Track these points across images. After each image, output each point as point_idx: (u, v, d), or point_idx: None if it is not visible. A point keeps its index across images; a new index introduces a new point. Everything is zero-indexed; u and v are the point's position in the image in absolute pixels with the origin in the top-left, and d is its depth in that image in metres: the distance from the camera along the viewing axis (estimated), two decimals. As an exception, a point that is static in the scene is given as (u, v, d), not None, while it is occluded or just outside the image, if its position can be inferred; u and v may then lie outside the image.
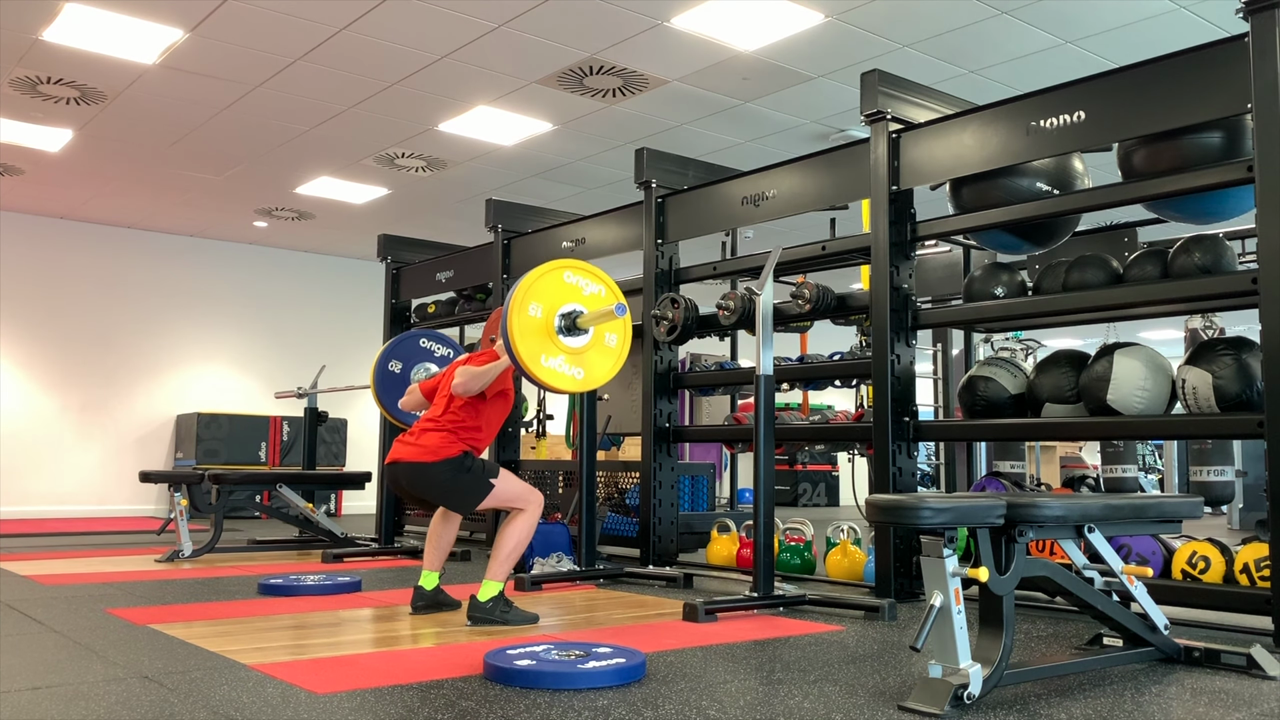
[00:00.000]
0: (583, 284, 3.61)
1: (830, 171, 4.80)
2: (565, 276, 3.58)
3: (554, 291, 3.54)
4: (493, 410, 3.87)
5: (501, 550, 3.67)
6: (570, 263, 3.64)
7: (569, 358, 3.54)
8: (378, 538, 6.66)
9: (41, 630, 3.39)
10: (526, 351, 3.43)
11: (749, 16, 5.69)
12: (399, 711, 2.33)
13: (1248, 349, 3.62)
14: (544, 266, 3.57)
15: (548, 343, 3.50)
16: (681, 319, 5.27)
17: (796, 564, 4.94)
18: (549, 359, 3.50)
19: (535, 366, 3.45)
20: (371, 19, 5.73)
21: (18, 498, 10.06)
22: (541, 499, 3.81)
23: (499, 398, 3.86)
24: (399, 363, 5.27)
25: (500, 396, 3.86)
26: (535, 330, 3.46)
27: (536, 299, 3.48)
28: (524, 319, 3.44)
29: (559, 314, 3.53)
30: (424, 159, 8.35)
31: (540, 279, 3.52)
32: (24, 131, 7.75)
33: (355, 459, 11.57)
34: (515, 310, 3.43)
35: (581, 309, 3.59)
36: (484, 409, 3.84)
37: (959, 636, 2.39)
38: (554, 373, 3.52)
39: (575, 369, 3.57)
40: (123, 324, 10.85)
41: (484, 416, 3.84)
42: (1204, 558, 3.66)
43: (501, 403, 3.89)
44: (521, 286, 3.46)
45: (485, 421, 3.85)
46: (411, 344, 5.35)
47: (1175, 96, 3.59)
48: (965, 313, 4.45)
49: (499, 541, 3.69)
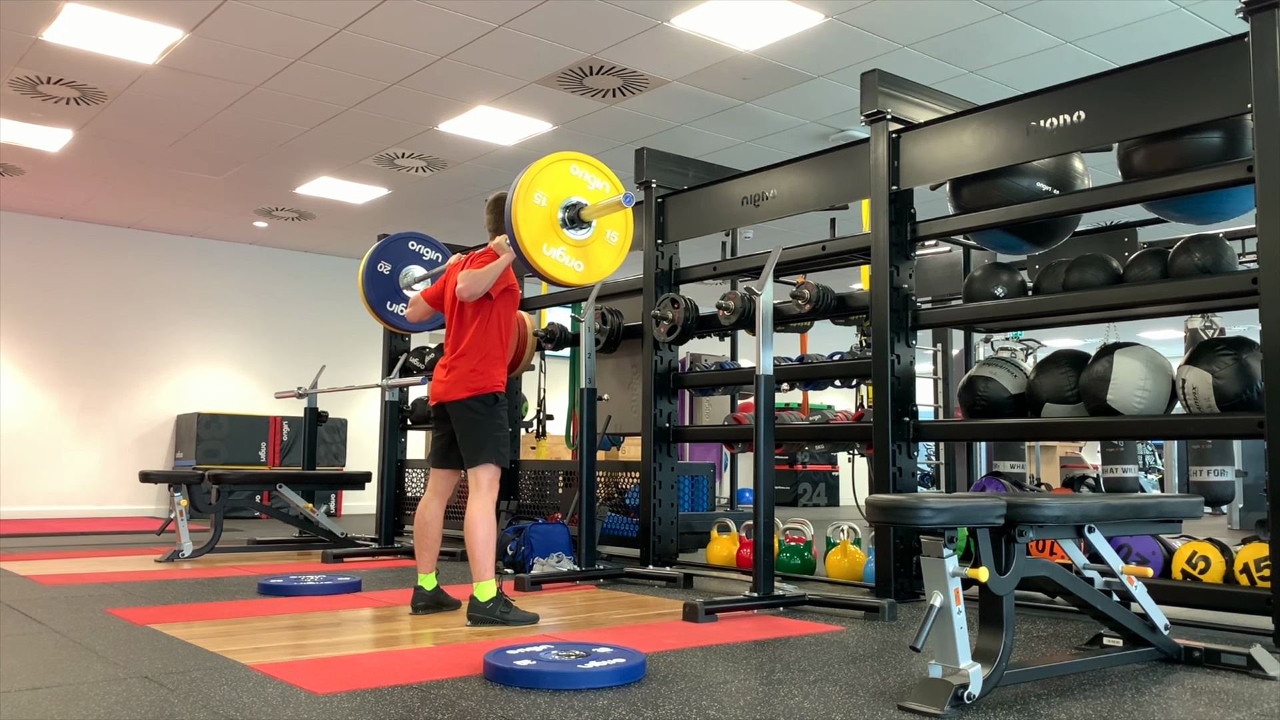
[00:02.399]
0: (588, 178, 3.61)
1: (830, 171, 4.80)
2: (572, 169, 3.57)
3: (560, 182, 3.53)
4: (502, 309, 3.85)
5: (476, 549, 3.66)
6: (577, 155, 3.63)
7: (571, 249, 3.54)
8: (378, 538, 6.65)
9: (41, 630, 3.38)
10: (529, 238, 3.42)
11: (749, 16, 5.69)
12: (399, 711, 2.33)
13: (1248, 349, 3.62)
14: (551, 156, 3.56)
15: (550, 232, 3.49)
16: (681, 319, 5.27)
17: (796, 564, 4.94)
18: (551, 248, 3.50)
19: (537, 254, 3.44)
20: (371, 19, 5.73)
21: (18, 498, 10.06)
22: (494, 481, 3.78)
23: (506, 295, 3.84)
24: (387, 264, 5.33)
25: (507, 293, 3.85)
26: (539, 218, 3.45)
27: (542, 188, 3.47)
28: (528, 206, 3.43)
29: (563, 205, 3.53)
30: (424, 159, 8.35)
31: (547, 168, 3.50)
32: (24, 131, 7.75)
33: (355, 459, 11.57)
34: (520, 197, 3.42)
35: (585, 202, 3.58)
36: (494, 310, 3.82)
37: (959, 636, 2.39)
38: (555, 263, 3.51)
39: (576, 261, 3.57)
40: (123, 324, 10.85)
41: (495, 317, 3.83)
42: (1204, 558, 3.66)
43: (509, 299, 3.87)
44: (528, 175, 3.45)
45: (497, 322, 3.83)
46: (400, 245, 5.43)
47: (1175, 96, 3.59)
48: (965, 313, 4.45)
49: (471, 542, 3.67)
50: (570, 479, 6.71)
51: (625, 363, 6.11)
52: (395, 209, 9.94)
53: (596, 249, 3.64)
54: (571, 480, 6.68)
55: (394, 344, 7.83)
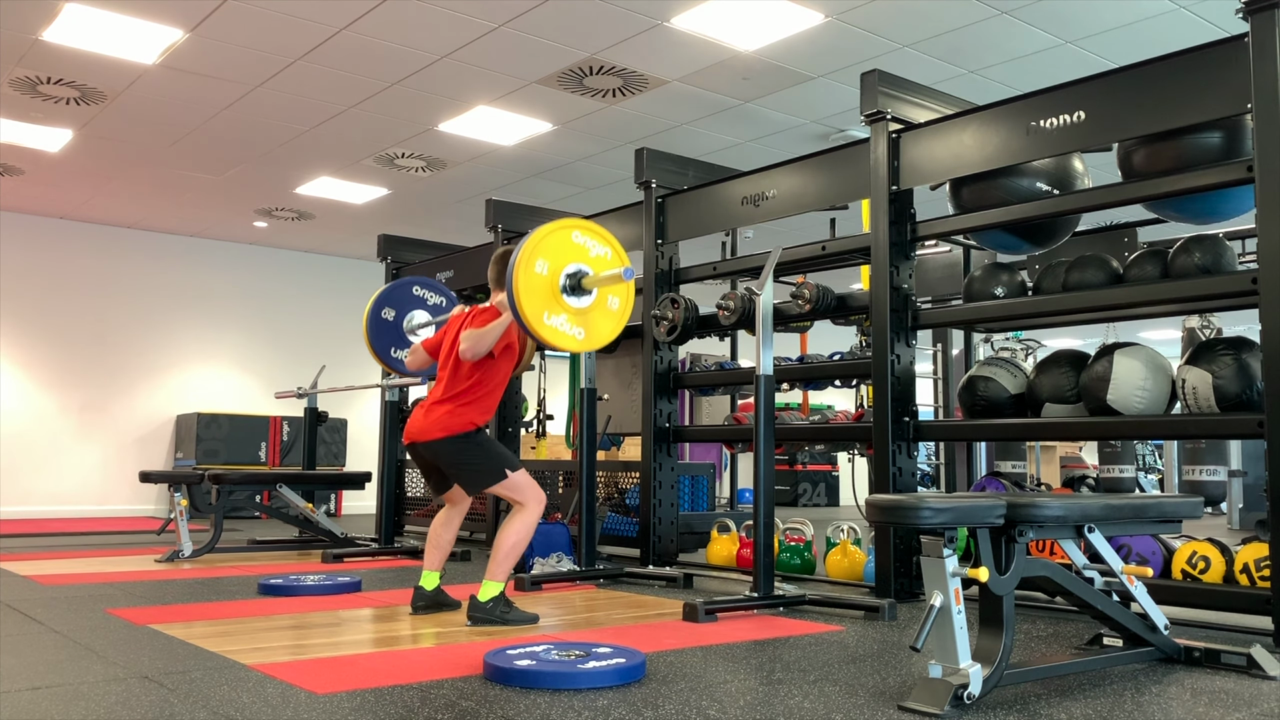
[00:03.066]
0: (590, 245, 3.60)
1: (830, 171, 4.80)
2: (573, 236, 3.57)
3: (561, 250, 3.52)
4: (499, 364, 3.86)
5: (500, 550, 3.67)
6: (579, 222, 3.62)
7: (571, 317, 3.53)
8: (378, 538, 6.66)
9: (41, 630, 3.38)
10: (530, 309, 3.42)
11: (749, 16, 5.69)
12: (399, 711, 2.33)
13: (1248, 349, 3.62)
14: (552, 224, 3.56)
15: (552, 301, 3.49)
16: (681, 319, 5.27)
17: (796, 564, 4.94)
18: (551, 317, 3.49)
19: (538, 324, 3.44)
20: (371, 19, 5.73)
21: (18, 498, 10.06)
22: (544, 499, 3.81)
23: (505, 352, 3.84)
24: (392, 310, 5.27)
25: (506, 351, 3.84)
26: (540, 288, 3.45)
27: (544, 256, 3.47)
28: (530, 275, 3.43)
29: (565, 273, 3.52)
30: (424, 159, 8.35)
31: (548, 236, 3.50)
32: (24, 131, 7.75)
33: (355, 459, 11.57)
34: (522, 266, 3.41)
35: (588, 269, 3.57)
36: (491, 366, 3.82)
37: (959, 636, 2.39)
38: (556, 331, 3.51)
39: (577, 329, 3.56)
40: (123, 324, 10.85)
41: (491, 372, 3.83)
42: (1204, 558, 3.66)
43: (507, 356, 3.87)
44: (530, 243, 3.45)
45: (492, 376, 3.84)
46: (404, 291, 5.35)
47: (1175, 96, 3.59)
48: (965, 313, 4.45)
49: (498, 541, 3.69)
50: (570, 479, 6.71)
51: (625, 363, 6.11)
52: (395, 209, 9.94)
53: (597, 316, 3.63)
54: (571, 480, 6.68)
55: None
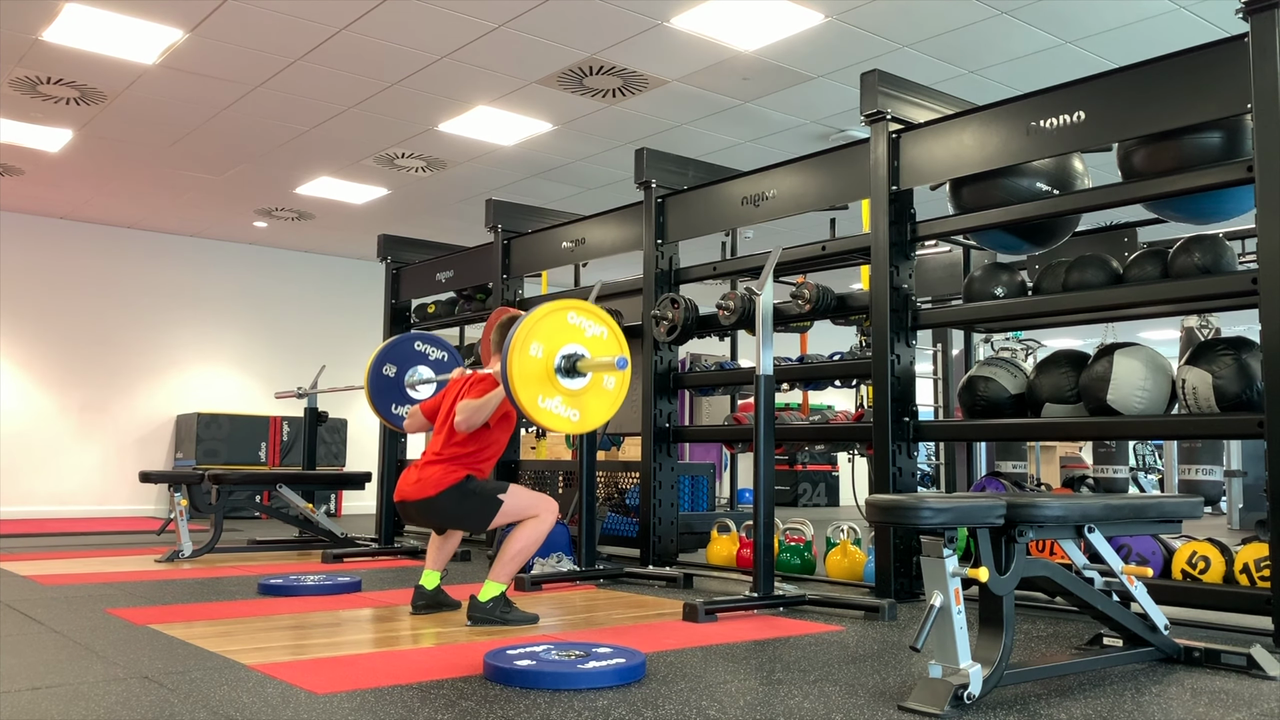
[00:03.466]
0: (585, 325, 3.58)
1: (830, 171, 4.80)
2: (569, 317, 3.55)
3: (556, 332, 3.51)
4: (496, 432, 3.85)
5: (507, 552, 3.67)
6: (574, 303, 3.61)
7: (566, 399, 3.52)
8: (378, 538, 6.66)
9: (41, 630, 3.38)
10: (525, 394, 3.40)
11: (749, 16, 5.69)
12: (399, 711, 2.33)
13: (1247, 349, 3.62)
14: (548, 306, 3.54)
15: (546, 384, 3.48)
16: (681, 319, 5.27)
17: (796, 564, 4.94)
18: (546, 400, 3.48)
19: (533, 408, 3.43)
20: (371, 19, 5.73)
21: (18, 498, 10.06)
22: (555, 506, 3.80)
23: (502, 421, 3.83)
24: (393, 366, 5.23)
25: (503, 420, 3.83)
26: (535, 372, 3.43)
27: (539, 339, 3.45)
28: (525, 360, 3.41)
29: (560, 355, 3.50)
30: (424, 159, 8.35)
31: (544, 319, 3.48)
32: (24, 131, 7.75)
33: (355, 459, 11.57)
34: (516, 350, 3.40)
35: (583, 351, 3.56)
36: (487, 433, 3.82)
37: (959, 636, 2.39)
38: (550, 414, 3.49)
39: (572, 411, 3.55)
40: (123, 324, 10.85)
41: (486, 439, 3.82)
42: (1204, 558, 3.66)
43: (504, 425, 3.86)
44: (524, 326, 3.43)
45: (488, 443, 3.83)
46: (406, 347, 5.31)
47: (1175, 96, 3.59)
48: (965, 313, 4.45)
49: (507, 543, 3.69)
50: (570, 479, 6.71)
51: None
52: (395, 209, 9.94)
53: (591, 398, 3.61)
54: (571, 480, 6.68)
55: (394, 344, 7.83)
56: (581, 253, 6.21)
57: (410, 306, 7.99)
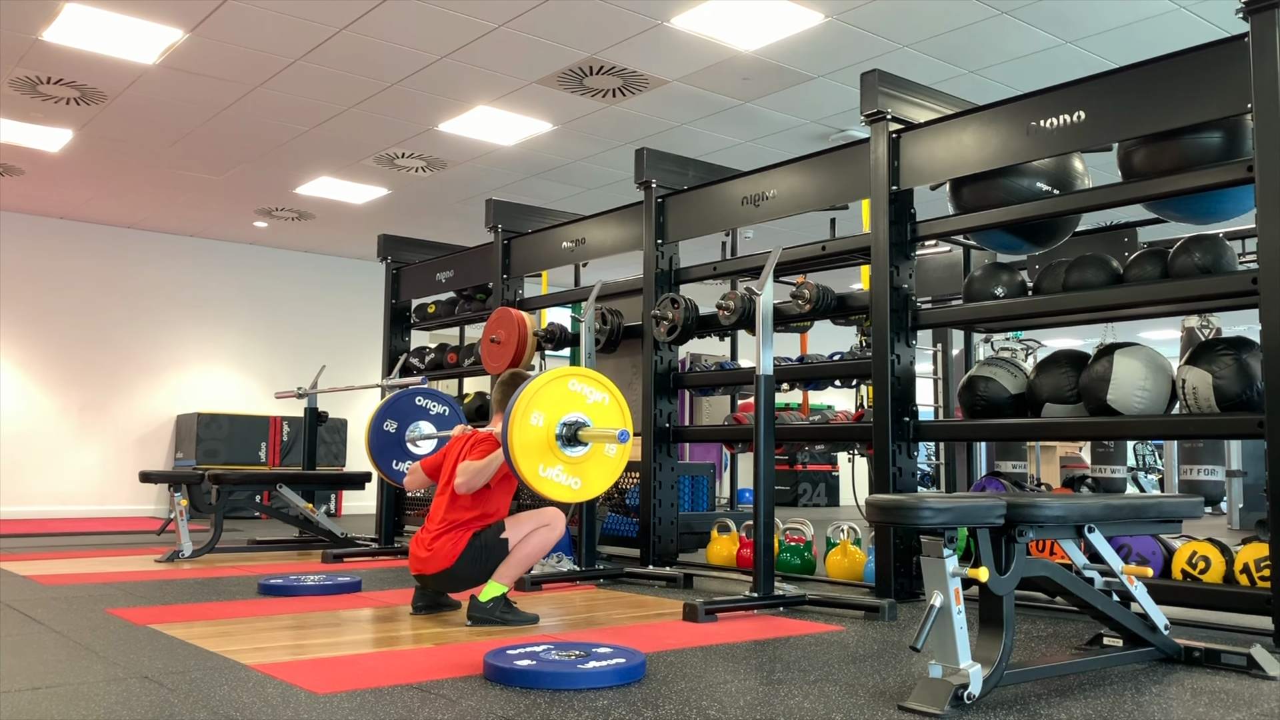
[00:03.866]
0: (586, 392, 3.55)
1: (830, 171, 4.80)
2: (570, 385, 3.52)
3: (557, 400, 3.48)
4: (498, 493, 3.82)
5: (515, 556, 3.67)
6: (575, 371, 3.59)
7: (567, 468, 3.49)
8: (378, 538, 6.66)
9: (41, 630, 3.39)
10: (526, 465, 3.38)
11: (749, 16, 5.69)
12: (399, 711, 2.33)
13: (1248, 349, 3.62)
14: (548, 375, 3.51)
15: (547, 453, 3.45)
16: (681, 319, 5.27)
17: (796, 564, 4.94)
18: (547, 469, 3.45)
19: (534, 479, 3.40)
20: (371, 19, 5.73)
21: (18, 498, 10.05)
22: (563, 516, 3.80)
23: (503, 482, 3.81)
24: (394, 422, 5.19)
25: (505, 480, 3.80)
26: (535, 440, 3.41)
27: (539, 408, 3.43)
28: (525, 429, 3.39)
29: (561, 423, 3.47)
30: (424, 159, 8.35)
31: (544, 388, 3.46)
32: (24, 131, 7.75)
33: (355, 459, 11.56)
34: (517, 420, 3.37)
35: (584, 419, 3.53)
36: (489, 495, 3.79)
37: (959, 636, 2.39)
38: (551, 483, 3.47)
39: (573, 479, 3.52)
40: (123, 324, 10.85)
41: (489, 501, 3.80)
42: (1204, 558, 3.66)
43: (506, 486, 3.83)
44: (525, 395, 3.40)
45: (490, 504, 3.81)
46: (406, 403, 5.26)
47: (1175, 96, 3.59)
48: (965, 313, 4.45)
49: (516, 547, 3.69)
50: (570, 479, 6.69)
51: (625, 363, 6.11)
52: (395, 209, 9.94)
53: (593, 466, 3.58)
54: (571, 480, 6.66)
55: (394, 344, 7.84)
56: (581, 253, 6.21)
57: (410, 306, 7.99)
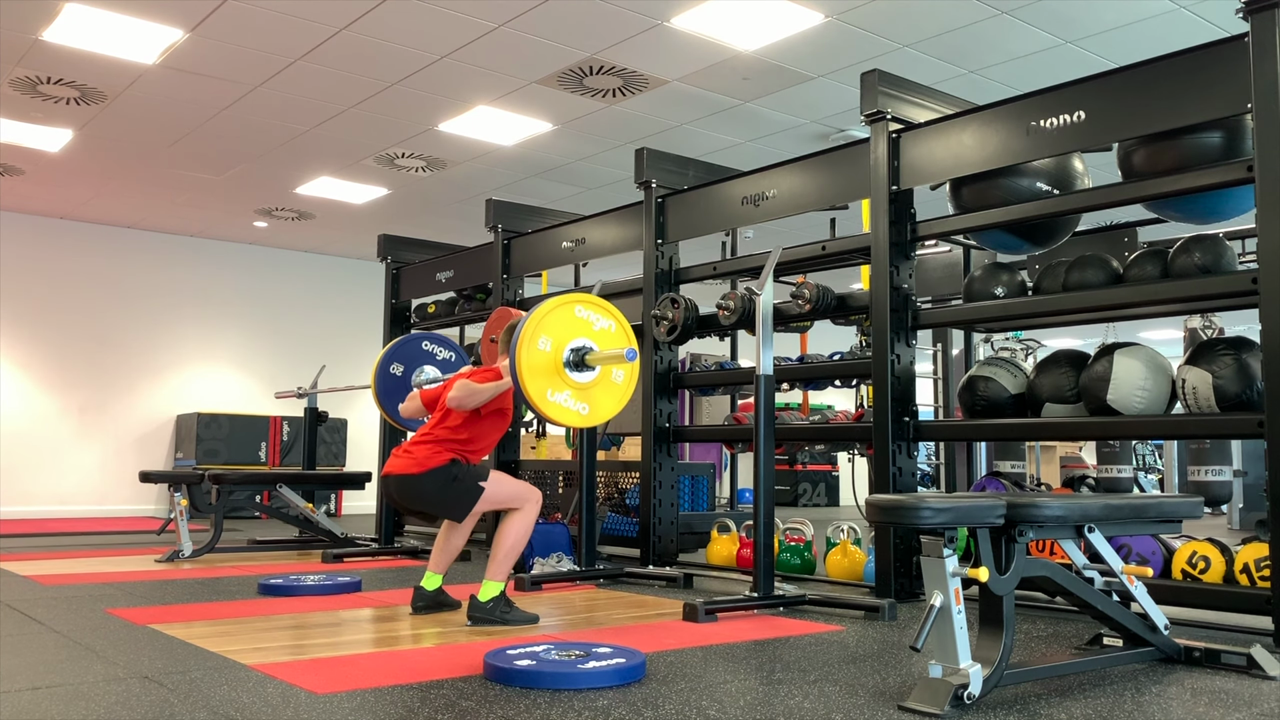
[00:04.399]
0: (594, 319, 3.58)
1: (830, 171, 4.80)
2: (576, 311, 3.54)
3: (565, 326, 3.51)
4: (487, 426, 3.84)
5: (499, 550, 3.67)
6: (582, 297, 3.61)
7: (575, 393, 3.52)
8: (378, 538, 6.65)
9: (41, 630, 3.39)
10: (534, 388, 3.41)
11: (749, 16, 5.69)
12: (399, 711, 2.33)
13: (1248, 349, 3.62)
14: (555, 300, 3.54)
15: (555, 378, 3.47)
16: (681, 319, 5.27)
17: (796, 564, 4.94)
18: (555, 394, 3.48)
19: (541, 402, 3.43)
20: (371, 19, 5.73)
21: (18, 498, 10.06)
22: (539, 496, 3.80)
23: (495, 415, 3.83)
24: (400, 365, 5.24)
25: (497, 414, 3.83)
26: (543, 365, 3.43)
27: (547, 333, 3.45)
28: (533, 354, 3.41)
29: (568, 348, 3.50)
30: (424, 159, 8.35)
31: (551, 313, 3.48)
32: (24, 131, 7.75)
33: (355, 459, 11.57)
34: (525, 344, 3.39)
35: (591, 344, 3.55)
36: (478, 424, 3.81)
37: (959, 636, 2.39)
38: (559, 408, 3.50)
39: (581, 404, 3.55)
40: (123, 324, 10.85)
41: (477, 430, 3.81)
42: (1204, 558, 3.66)
43: (498, 420, 3.86)
44: (532, 320, 3.43)
45: (478, 435, 3.82)
46: (413, 347, 5.32)
47: (1175, 96, 3.59)
48: (965, 313, 4.45)
49: (497, 541, 3.69)
50: (570, 479, 6.71)
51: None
52: (395, 209, 9.94)
53: (600, 392, 3.61)
54: (571, 480, 6.68)
55: (394, 344, 7.82)
56: (581, 253, 6.21)
57: (410, 306, 7.99)
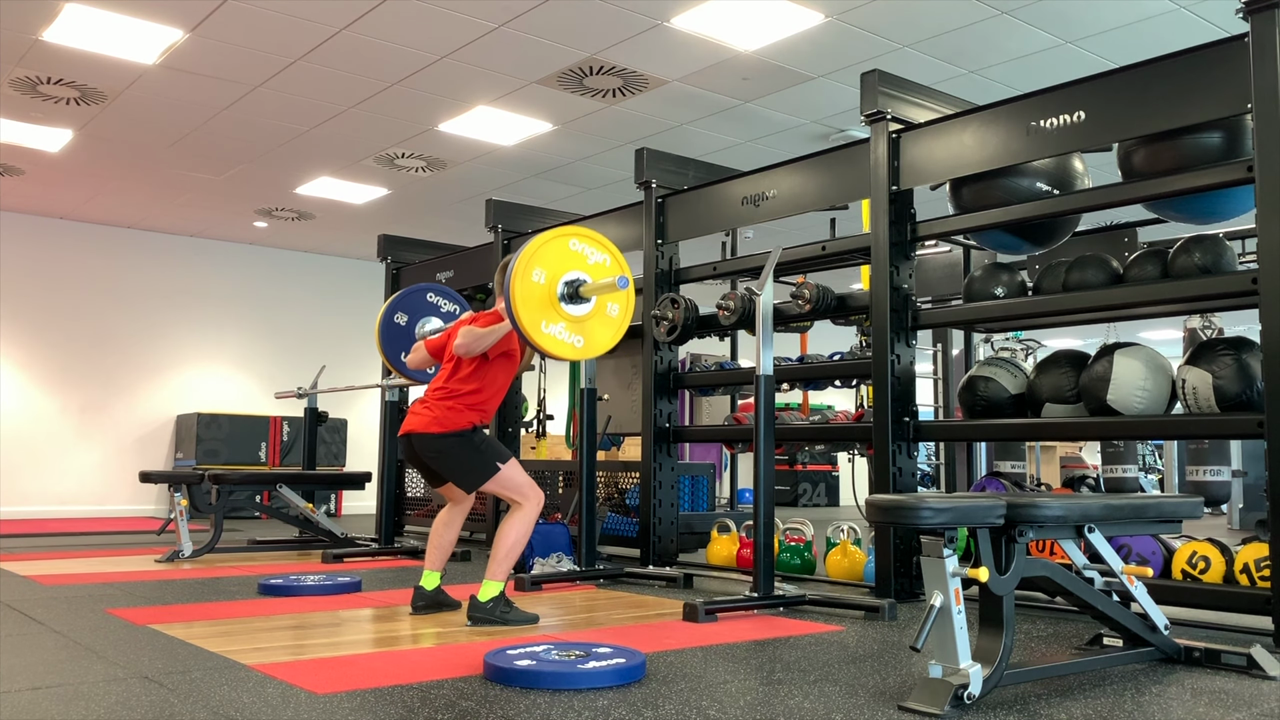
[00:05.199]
0: (587, 252, 3.59)
1: (830, 171, 4.80)
2: (570, 244, 3.55)
3: (558, 258, 3.51)
4: (497, 371, 3.85)
5: (500, 549, 3.67)
6: (576, 230, 3.62)
7: (569, 325, 3.52)
8: (378, 538, 6.65)
9: (41, 630, 3.38)
10: (528, 318, 3.42)
11: (749, 16, 5.69)
12: (399, 711, 2.33)
13: (1248, 349, 3.62)
14: (549, 233, 3.55)
15: (549, 310, 3.48)
16: (681, 319, 5.27)
17: (796, 564, 4.94)
18: (549, 325, 3.48)
19: (535, 333, 3.44)
20: (371, 19, 5.73)
21: (18, 498, 10.06)
22: (542, 497, 3.81)
23: (503, 359, 3.85)
24: (404, 315, 5.27)
25: (504, 357, 3.85)
26: (537, 297, 3.44)
27: (540, 265, 3.46)
28: (527, 285, 3.43)
29: (562, 281, 3.51)
30: (424, 159, 8.35)
31: (545, 245, 3.49)
32: (24, 131, 7.75)
33: (355, 459, 11.57)
34: (519, 276, 3.41)
35: (585, 277, 3.56)
36: (488, 370, 3.83)
37: (959, 636, 2.39)
38: (554, 340, 3.50)
39: (575, 337, 3.55)
40: (123, 324, 10.85)
41: (489, 377, 3.83)
42: (1204, 558, 3.66)
43: (506, 364, 3.87)
44: (526, 252, 3.44)
45: (489, 381, 3.84)
46: (418, 297, 5.35)
47: (1175, 96, 3.59)
48: (965, 313, 4.45)
49: (497, 540, 3.69)
50: (570, 479, 6.71)
51: (625, 363, 6.11)
52: (395, 209, 9.94)
53: (595, 324, 3.61)
54: (571, 480, 6.68)
55: (394, 344, 7.82)
56: (581, 253, 6.20)
57: (410, 306, 7.99)
